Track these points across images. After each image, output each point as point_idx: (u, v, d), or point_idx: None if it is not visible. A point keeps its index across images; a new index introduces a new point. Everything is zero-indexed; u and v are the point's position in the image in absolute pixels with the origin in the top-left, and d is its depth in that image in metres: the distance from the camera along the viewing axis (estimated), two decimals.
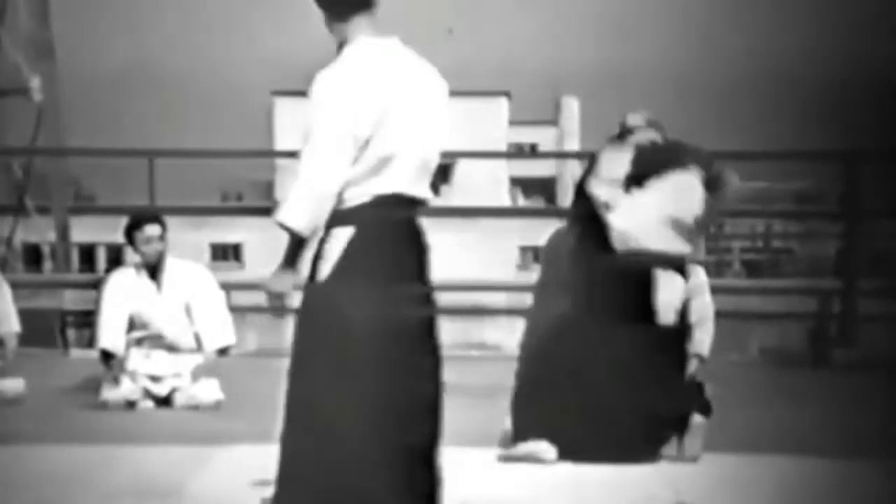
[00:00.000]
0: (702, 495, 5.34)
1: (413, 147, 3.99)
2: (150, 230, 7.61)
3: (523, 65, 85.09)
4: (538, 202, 49.79)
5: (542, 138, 53.29)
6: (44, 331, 12.75)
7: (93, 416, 7.17)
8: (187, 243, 13.82)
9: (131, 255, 7.88)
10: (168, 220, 7.79)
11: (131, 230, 7.64)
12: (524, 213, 30.07)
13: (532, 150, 51.67)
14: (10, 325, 7.81)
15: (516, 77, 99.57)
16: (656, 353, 5.97)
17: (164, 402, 7.45)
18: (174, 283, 7.66)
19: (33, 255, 23.55)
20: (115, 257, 30.26)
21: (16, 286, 8.34)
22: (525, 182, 51.73)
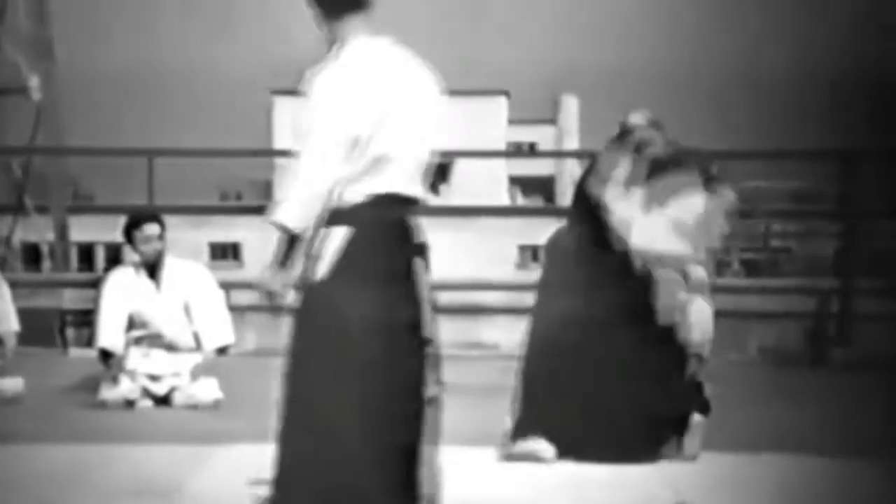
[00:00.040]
0: (701, 495, 5.34)
1: (409, 147, 4.00)
2: (149, 229, 7.61)
3: (522, 64, 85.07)
4: (537, 201, 49.75)
5: (541, 137, 53.23)
6: (43, 330, 12.70)
7: (92, 415, 7.17)
8: (186, 242, 13.83)
9: (130, 255, 7.88)
10: (167, 219, 7.79)
11: (130, 229, 7.64)
12: (523, 212, 30.12)
13: (531, 150, 51.68)
14: (10, 325, 7.81)
15: (515, 76, 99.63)
16: (656, 352, 5.97)
17: (163, 401, 7.44)
18: (173, 283, 7.66)
19: (32, 254, 23.57)
20: (114, 256, 30.24)
21: (15, 285, 8.33)
22: (524, 181, 51.69)
